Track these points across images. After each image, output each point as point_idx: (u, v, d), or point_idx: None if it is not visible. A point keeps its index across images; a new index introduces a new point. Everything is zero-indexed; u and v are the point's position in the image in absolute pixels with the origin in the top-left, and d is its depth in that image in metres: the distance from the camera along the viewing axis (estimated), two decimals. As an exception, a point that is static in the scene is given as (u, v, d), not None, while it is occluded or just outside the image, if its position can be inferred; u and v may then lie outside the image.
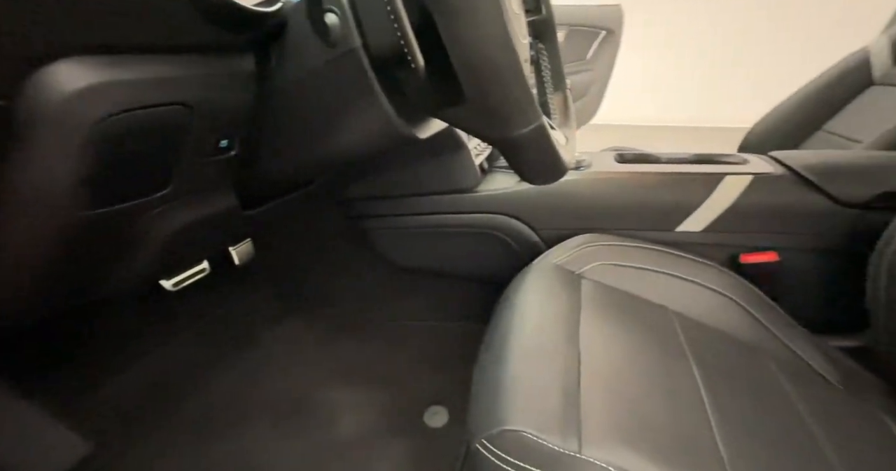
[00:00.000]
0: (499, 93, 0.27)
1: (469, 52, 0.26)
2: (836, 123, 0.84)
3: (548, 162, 0.33)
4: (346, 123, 0.37)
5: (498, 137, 0.30)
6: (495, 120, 0.29)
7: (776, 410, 0.37)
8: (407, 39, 0.28)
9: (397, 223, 0.72)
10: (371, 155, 0.46)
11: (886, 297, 0.44)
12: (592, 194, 0.62)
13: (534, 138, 0.30)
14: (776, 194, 0.55)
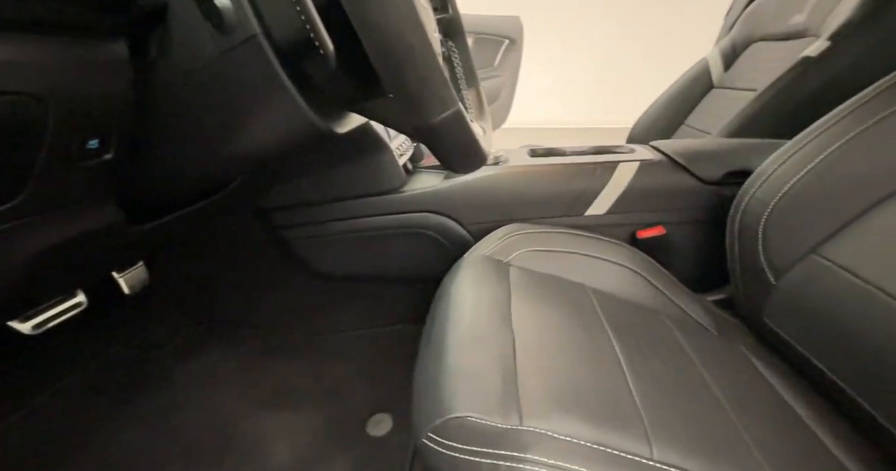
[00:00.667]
0: (415, 76, 0.27)
1: (380, 33, 0.25)
2: (692, 119, 1.02)
3: (469, 148, 0.33)
4: (253, 120, 0.33)
5: (418, 124, 0.30)
6: (413, 107, 0.28)
7: (674, 359, 0.44)
8: (312, 23, 0.26)
9: (322, 231, 0.68)
10: (284, 153, 0.42)
11: (739, 256, 0.54)
12: (511, 187, 0.66)
13: (453, 124, 0.30)
14: (657, 177, 0.65)
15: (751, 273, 0.53)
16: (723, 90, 0.96)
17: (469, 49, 0.48)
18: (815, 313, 0.45)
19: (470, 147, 0.33)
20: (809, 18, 0.78)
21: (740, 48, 0.96)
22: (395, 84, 0.27)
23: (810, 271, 0.47)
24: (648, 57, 3.69)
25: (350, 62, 0.27)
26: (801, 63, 0.70)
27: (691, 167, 0.63)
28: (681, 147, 0.67)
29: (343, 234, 0.67)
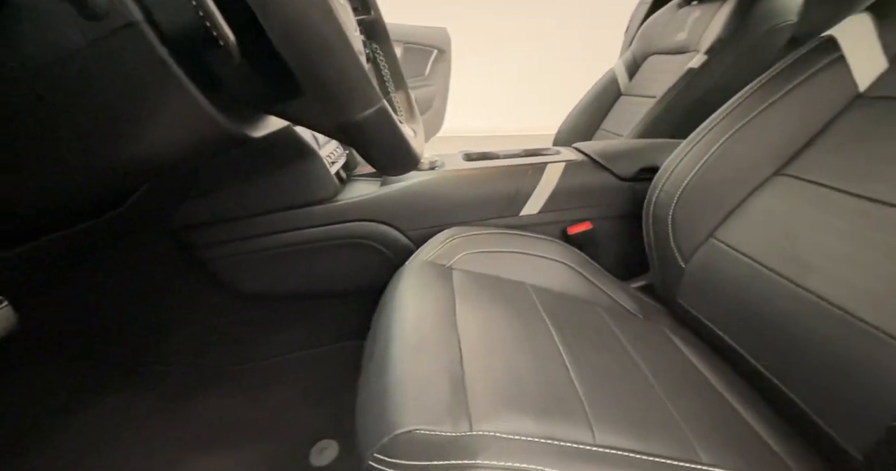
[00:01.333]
0: (330, 69, 0.25)
1: (284, 21, 0.23)
2: (606, 123, 1.12)
3: (398, 148, 0.32)
4: (144, 122, 0.29)
5: (340, 123, 0.28)
6: (333, 105, 0.26)
7: (608, 345, 0.47)
8: (206, 9, 0.23)
9: (248, 248, 0.63)
10: (189, 160, 0.37)
11: (654, 244, 0.60)
12: (449, 191, 0.67)
13: (378, 121, 0.28)
14: (581, 176, 0.70)
15: (665, 259, 0.59)
16: (629, 97, 1.07)
17: (394, 52, 0.48)
18: (716, 292, 0.51)
19: (399, 147, 0.32)
20: (689, 36, 0.91)
21: (640, 60, 1.08)
22: (308, 79, 0.25)
23: (710, 254, 0.53)
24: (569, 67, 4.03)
25: (259, 56, 0.25)
26: (687, 74, 0.81)
27: (609, 166, 0.69)
28: (599, 148, 0.73)
29: (272, 249, 0.62)
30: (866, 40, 0.47)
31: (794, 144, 0.50)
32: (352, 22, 0.35)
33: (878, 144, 0.42)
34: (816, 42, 0.50)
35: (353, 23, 0.35)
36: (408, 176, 0.66)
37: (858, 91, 0.47)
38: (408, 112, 0.45)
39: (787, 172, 0.50)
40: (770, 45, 0.77)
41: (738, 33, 0.76)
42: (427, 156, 0.70)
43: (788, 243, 0.45)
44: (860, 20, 0.48)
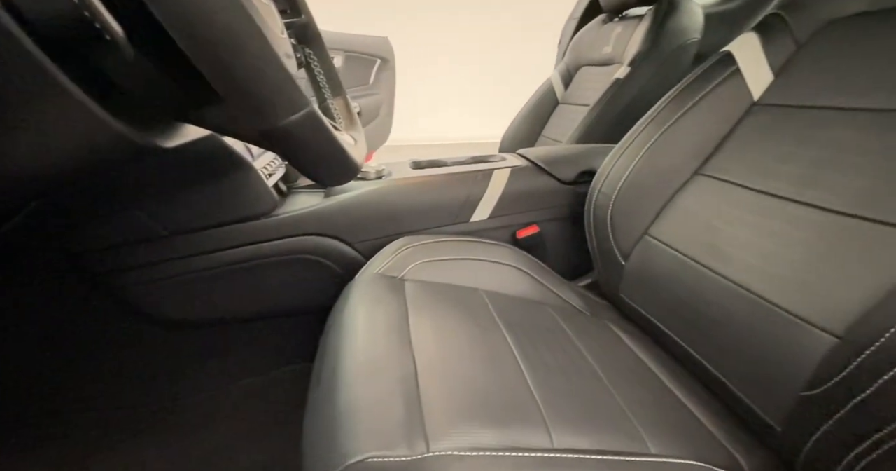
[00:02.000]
0: (246, 69, 0.22)
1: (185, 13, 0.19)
2: (547, 130, 1.18)
3: (332, 155, 0.29)
4: (19, 130, 0.24)
5: (264, 129, 0.24)
6: (253, 109, 0.23)
7: (560, 345, 0.48)
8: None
9: (172, 270, 0.56)
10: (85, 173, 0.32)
11: (596, 243, 0.63)
12: (397, 200, 0.66)
13: (308, 127, 0.25)
14: (527, 181, 0.72)
15: (606, 257, 0.62)
16: (566, 105, 1.13)
17: (329, 56, 0.46)
18: (652, 285, 0.55)
19: (334, 155, 0.29)
20: (614, 50, 0.98)
21: (573, 71, 1.15)
22: (220, 80, 0.22)
23: (645, 250, 0.57)
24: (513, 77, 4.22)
25: (164, 55, 0.22)
26: (614, 84, 0.87)
27: (552, 170, 0.72)
28: (542, 154, 0.76)
29: (201, 271, 0.56)
30: (755, 55, 0.54)
31: (706, 146, 0.55)
32: (277, 23, 0.32)
33: (772, 146, 0.48)
34: (718, 56, 0.57)
35: (278, 24, 0.32)
36: (353, 186, 0.64)
37: (754, 99, 0.53)
38: (347, 119, 0.43)
39: (704, 172, 0.55)
40: (681, 57, 0.86)
41: (655, 48, 0.84)
42: (374, 165, 0.69)
43: (710, 236, 0.50)
44: (749, 38, 0.55)
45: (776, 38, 0.52)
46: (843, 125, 0.42)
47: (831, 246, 0.38)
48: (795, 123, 0.47)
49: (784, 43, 0.52)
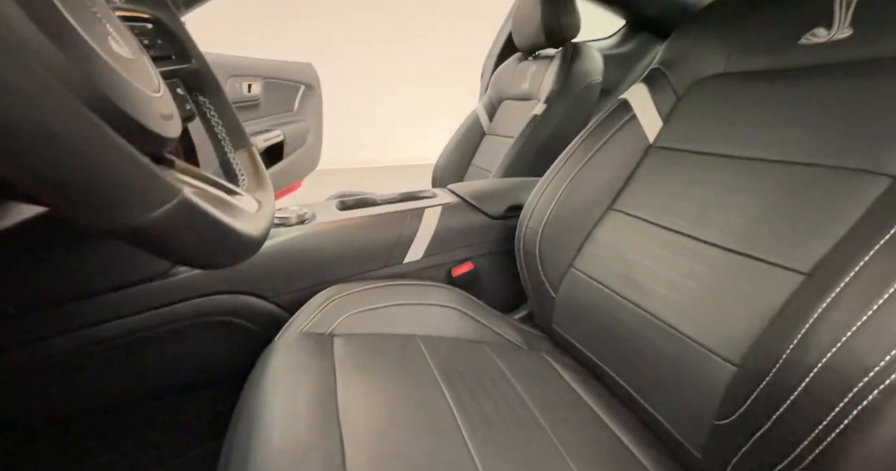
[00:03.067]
0: (75, 173, 0.16)
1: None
2: (477, 160, 1.22)
3: (219, 241, 0.24)
4: None
5: (114, 226, 0.19)
6: (91, 213, 0.18)
7: (498, 388, 0.47)
8: None
9: (48, 349, 0.46)
10: None
11: (528, 277, 0.65)
12: (324, 246, 0.61)
13: (178, 219, 0.20)
14: (458, 218, 0.72)
15: (538, 290, 0.64)
16: (492, 136, 1.19)
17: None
18: (581, 316, 0.58)
19: (219, 239, 0.24)
20: (531, 86, 1.06)
21: (496, 104, 1.22)
22: (38, 191, 0.16)
23: (572, 283, 0.60)
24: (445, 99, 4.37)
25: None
26: (532, 119, 0.93)
27: (481, 206, 0.73)
28: (471, 189, 0.77)
29: (89, 346, 0.46)
30: (646, 103, 0.60)
31: (616, 184, 0.60)
32: (151, 80, 0.26)
33: (669, 185, 0.54)
34: (617, 103, 0.63)
35: (152, 81, 0.27)
36: (273, 233, 0.59)
37: (650, 142, 0.59)
38: (252, 177, 0.39)
39: (616, 208, 0.60)
40: (588, 96, 0.95)
41: (565, 88, 0.92)
42: (295, 208, 0.64)
43: (626, 269, 0.53)
44: (640, 88, 0.62)
45: (660, 89, 0.60)
46: (723, 170, 0.48)
47: (723, 279, 0.43)
48: (686, 165, 0.53)
49: (667, 93, 0.59)
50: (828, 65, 0.43)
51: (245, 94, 1.33)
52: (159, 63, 0.34)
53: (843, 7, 0.42)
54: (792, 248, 0.38)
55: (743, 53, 0.51)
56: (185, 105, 0.36)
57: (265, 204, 0.34)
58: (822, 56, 0.43)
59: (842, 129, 0.39)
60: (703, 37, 0.56)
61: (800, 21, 0.46)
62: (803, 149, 0.41)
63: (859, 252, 0.31)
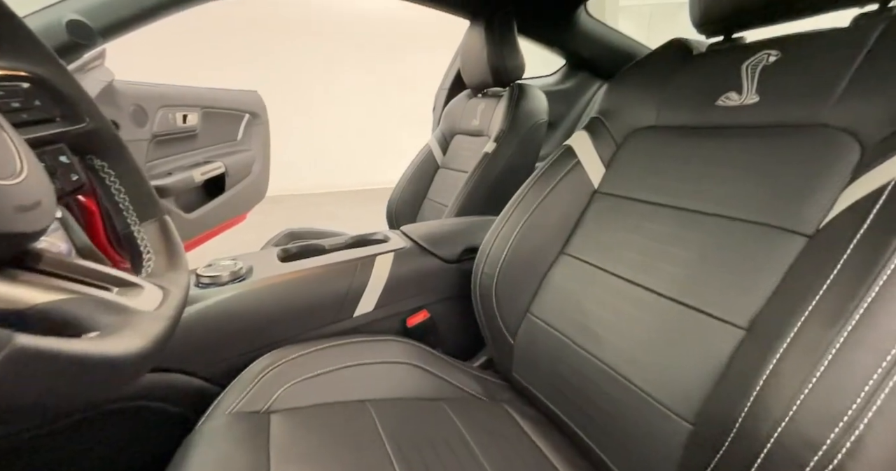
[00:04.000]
0: None
1: None
2: (431, 193, 1.21)
3: (83, 377, 0.19)
4: None
5: None
6: None
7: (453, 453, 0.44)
8: None
9: None
10: None
11: (485, 323, 0.63)
12: (262, 306, 0.55)
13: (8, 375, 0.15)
14: (411, 264, 0.70)
15: (496, 337, 0.62)
16: (447, 170, 1.19)
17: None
18: (539, 365, 0.56)
19: (82, 375, 0.19)
20: (481, 123, 1.08)
21: (449, 138, 1.23)
22: None
23: (529, 329, 0.59)
24: (402, 123, 4.41)
25: None
26: (484, 157, 0.95)
27: (435, 250, 0.71)
28: (424, 232, 0.75)
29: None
30: (589, 150, 0.63)
31: (566, 228, 0.61)
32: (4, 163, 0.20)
33: (614, 232, 0.56)
34: (563, 149, 0.65)
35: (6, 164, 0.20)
36: (200, 295, 0.52)
37: (594, 187, 0.61)
38: (162, 253, 0.33)
39: (567, 252, 0.60)
40: (536, 135, 0.99)
41: (513, 127, 0.94)
42: (228, 263, 0.58)
43: (581, 316, 0.53)
44: (583, 135, 0.64)
45: (601, 137, 0.62)
46: (663, 219, 0.50)
47: (670, 330, 0.44)
48: (629, 213, 0.55)
49: (607, 141, 0.62)
50: (743, 126, 0.46)
51: (179, 125, 1.23)
52: (36, 128, 0.29)
53: (748, 76, 0.47)
54: (729, 301, 0.40)
55: (670, 109, 0.55)
56: (72, 175, 0.30)
57: (173, 292, 0.28)
58: (737, 118, 0.47)
59: (761, 187, 0.42)
60: (635, 91, 0.60)
61: (716, 84, 0.50)
62: (731, 204, 0.44)
63: (794, 313, 0.32)
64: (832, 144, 0.38)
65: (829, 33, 0.42)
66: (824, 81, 0.40)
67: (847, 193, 0.35)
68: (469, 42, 1.05)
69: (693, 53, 0.55)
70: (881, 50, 0.37)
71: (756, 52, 0.47)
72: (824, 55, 0.41)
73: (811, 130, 0.40)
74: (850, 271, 0.30)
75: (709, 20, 0.50)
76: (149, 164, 1.08)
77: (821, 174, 0.38)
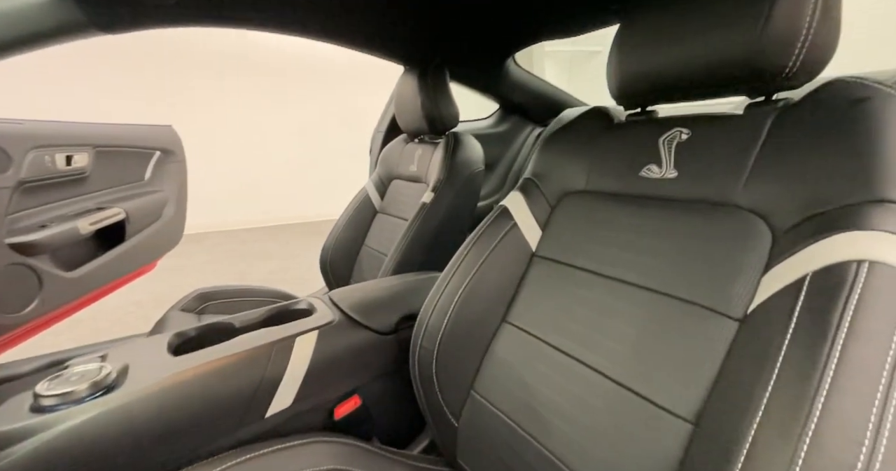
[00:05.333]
0: None
1: None
2: (369, 240, 1.14)
3: None
4: None
5: None
6: None
7: None
8: None
9: None
10: None
11: (426, 402, 0.56)
12: (139, 426, 0.43)
13: None
14: (340, 340, 0.61)
15: (438, 419, 0.55)
16: (385, 216, 1.13)
17: None
18: (486, 452, 0.51)
19: None
20: (419, 169, 1.06)
21: (386, 182, 1.18)
22: None
23: (474, 409, 0.53)
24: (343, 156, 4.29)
25: None
26: (422, 208, 0.91)
27: (368, 322, 0.63)
28: (357, 300, 0.67)
29: None
30: (525, 211, 0.61)
31: (507, 293, 0.58)
32: None
33: (552, 299, 0.53)
34: (499, 210, 0.62)
35: None
36: (43, 424, 0.39)
37: (532, 251, 0.59)
38: None
39: (510, 320, 0.57)
40: (473, 184, 0.97)
41: (451, 177, 0.92)
42: (92, 366, 0.44)
43: (527, 396, 0.49)
44: (517, 196, 0.62)
45: (535, 198, 0.61)
46: (601, 289, 0.49)
47: (617, 418, 0.41)
48: (568, 280, 0.53)
49: (541, 202, 0.61)
50: (666, 198, 0.47)
51: (61, 167, 1.04)
52: None
53: (665, 150, 0.48)
54: (671, 390, 0.38)
55: (599, 175, 0.55)
56: None
57: None
58: (659, 190, 0.48)
59: (689, 262, 0.42)
60: (564, 155, 0.60)
61: (638, 155, 0.51)
62: (663, 279, 0.43)
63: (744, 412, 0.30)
64: (745, 224, 0.39)
65: (729, 119, 0.45)
66: (731, 165, 0.42)
67: (768, 280, 0.35)
68: (403, 89, 1.04)
69: (614, 121, 0.57)
70: (774, 140, 0.40)
71: (670, 128, 0.49)
72: (727, 139, 0.43)
73: (726, 209, 0.41)
74: (792, 369, 0.29)
75: (624, 95, 0.52)
76: (11, 217, 0.88)
77: (740, 256, 0.39)
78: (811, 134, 0.37)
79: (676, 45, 0.44)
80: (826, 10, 0.36)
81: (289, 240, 3.58)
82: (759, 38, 0.38)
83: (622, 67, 0.50)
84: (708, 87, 0.44)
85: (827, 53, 0.38)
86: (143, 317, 2.17)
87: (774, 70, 0.38)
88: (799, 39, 0.36)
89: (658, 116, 0.53)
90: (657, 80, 0.47)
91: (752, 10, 0.38)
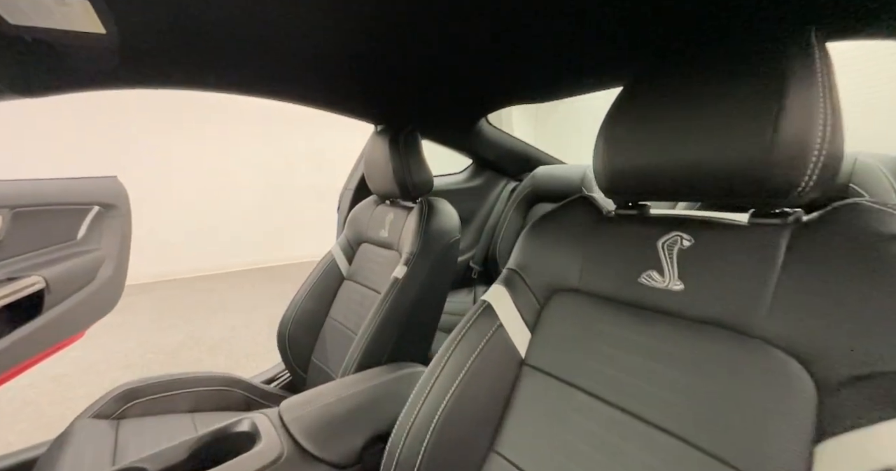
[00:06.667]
0: None
1: None
2: (335, 312, 1.03)
3: None
4: None
5: None
6: None
7: None
8: None
9: None
10: None
11: None
12: None
13: None
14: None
15: None
16: (352, 283, 1.03)
17: None
18: None
19: None
20: (390, 235, 0.98)
21: (354, 246, 1.09)
22: None
23: None
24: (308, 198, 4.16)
25: None
26: (394, 283, 0.82)
27: (325, 454, 0.52)
28: (314, 419, 0.56)
29: None
30: (510, 309, 0.54)
31: (494, 413, 0.49)
32: None
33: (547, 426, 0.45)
34: (482, 306, 0.55)
35: None
36: None
37: (521, 358, 0.52)
38: None
39: (498, 450, 0.48)
40: (449, 254, 0.91)
41: (425, 248, 0.85)
42: None
43: None
44: (500, 291, 0.56)
45: (521, 293, 0.55)
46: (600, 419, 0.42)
47: None
48: (562, 400, 0.45)
49: (529, 299, 0.54)
50: (672, 313, 0.42)
51: (-40, 237, 0.89)
52: None
53: (667, 257, 0.43)
54: None
55: (593, 275, 0.50)
56: None
57: None
58: (664, 302, 0.43)
59: (710, 403, 0.36)
60: (552, 247, 0.54)
61: (636, 258, 0.46)
62: (679, 419, 0.37)
63: None
64: (776, 363, 0.34)
65: (733, 229, 0.41)
66: (746, 285, 0.37)
67: (828, 456, 0.29)
68: (374, 150, 0.98)
69: (604, 213, 0.53)
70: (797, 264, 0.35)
71: (667, 231, 0.45)
72: (738, 254, 0.39)
73: (750, 341, 0.36)
74: None
75: (614, 191, 0.48)
76: None
77: (774, 406, 0.33)
78: (847, 267, 0.32)
79: (678, 143, 0.40)
80: (835, 117, 0.33)
81: (249, 288, 3.32)
82: (770, 151, 0.34)
83: (612, 160, 0.45)
84: (709, 195, 0.40)
85: (837, 166, 0.35)
86: (58, 402, 1.67)
87: (787, 187, 0.35)
88: (812, 154, 0.33)
89: (652, 214, 0.49)
90: (650, 178, 0.43)
91: (760, 118, 0.34)
